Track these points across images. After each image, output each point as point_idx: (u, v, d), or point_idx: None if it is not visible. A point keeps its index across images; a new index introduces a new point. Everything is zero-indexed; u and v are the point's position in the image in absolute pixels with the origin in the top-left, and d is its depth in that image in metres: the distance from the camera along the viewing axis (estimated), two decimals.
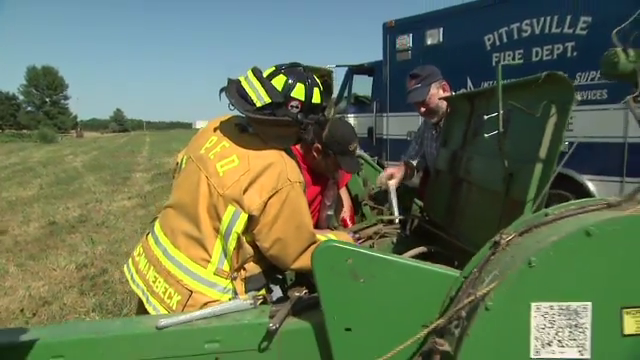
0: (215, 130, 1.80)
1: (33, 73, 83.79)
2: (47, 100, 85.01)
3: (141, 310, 1.78)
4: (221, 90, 1.68)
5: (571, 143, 1.27)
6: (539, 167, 1.31)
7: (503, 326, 1.08)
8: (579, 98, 2.47)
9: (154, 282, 1.72)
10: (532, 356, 1.08)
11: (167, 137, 49.81)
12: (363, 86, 9.32)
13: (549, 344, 1.08)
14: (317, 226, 2.30)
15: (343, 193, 2.53)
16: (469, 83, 6.26)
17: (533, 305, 1.07)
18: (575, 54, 5.14)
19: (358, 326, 1.27)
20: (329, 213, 2.33)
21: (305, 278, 1.92)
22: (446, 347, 1.12)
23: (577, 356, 1.07)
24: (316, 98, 1.71)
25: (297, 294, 1.48)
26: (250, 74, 1.66)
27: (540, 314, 1.07)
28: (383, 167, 2.90)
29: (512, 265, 1.09)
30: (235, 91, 1.66)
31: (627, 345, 1.06)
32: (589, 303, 1.06)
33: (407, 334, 1.18)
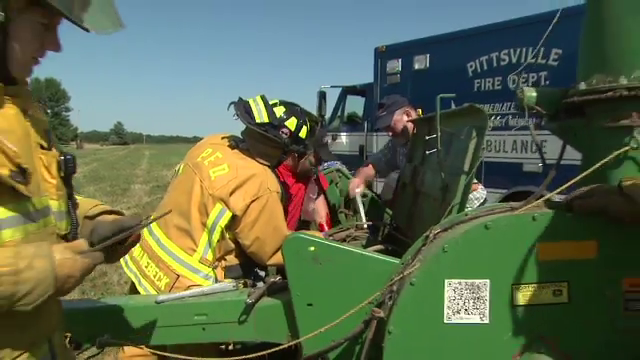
0: (211, 143, 2.17)
1: (36, 85, 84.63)
2: (49, 112, 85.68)
3: (133, 292, 2.11)
4: (230, 103, 2.09)
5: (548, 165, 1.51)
6: (463, 178, 1.66)
7: (423, 298, 1.41)
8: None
9: (146, 267, 2.05)
10: (445, 321, 1.40)
11: (166, 150, 50.11)
12: (356, 106, 9.73)
13: (458, 312, 1.40)
14: (303, 217, 2.68)
15: (321, 201, 2.88)
16: (453, 106, 6.64)
17: (446, 281, 1.40)
18: (548, 82, 5.55)
19: (318, 302, 1.59)
20: (313, 207, 2.68)
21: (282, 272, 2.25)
22: (381, 314, 1.44)
23: (479, 321, 1.39)
24: (303, 133, 2.13)
25: (272, 279, 1.82)
26: (258, 98, 2.07)
27: (451, 288, 1.40)
28: (371, 185, 3.28)
29: (433, 251, 1.43)
30: (242, 107, 2.05)
31: (516, 313, 1.38)
32: (488, 280, 1.39)
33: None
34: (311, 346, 1.58)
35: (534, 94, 1.57)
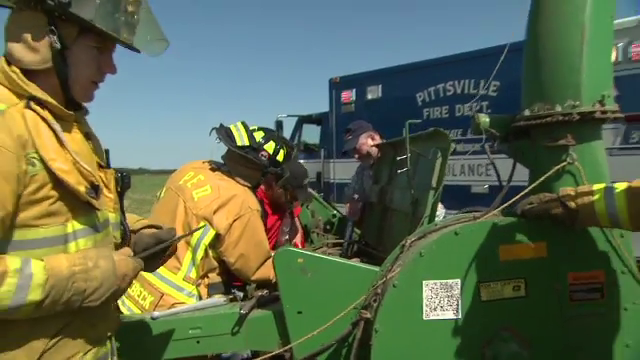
0: (193, 167, 2.29)
1: None
2: None
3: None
4: (212, 129, 2.23)
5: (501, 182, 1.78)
6: (432, 193, 1.89)
7: (405, 298, 1.59)
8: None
9: (130, 287, 2.11)
10: (424, 318, 1.58)
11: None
12: (312, 134, 10.04)
13: (435, 309, 1.59)
14: (277, 248, 2.79)
15: (295, 223, 3.03)
16: (404, 134, 7.08)
17: (424, 282, 1.59)
18: (489, 111, 6.08)
19: (307, 309, 1.73)
20: (286, 237, 2.82)
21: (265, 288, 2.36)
22: (368, 315, 1.61)
23: (452, 316, 1.59)
24: (280, 157, 2.32)
25: (260, 293, 1.94)
26: (239, 124, 2.24)
27: (429, 288, 1.59)
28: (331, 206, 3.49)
29: (410, 256, 1.62)
30: (224, 132, 2.20)
31: (483, 307, 1.59)
32: (458, 280, 1.59)
33: None
34: (302, 351, 1.70)
35: (487, 119, 1.83)
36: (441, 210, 3.02)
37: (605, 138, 1.73)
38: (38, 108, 1.08)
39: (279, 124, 9.70)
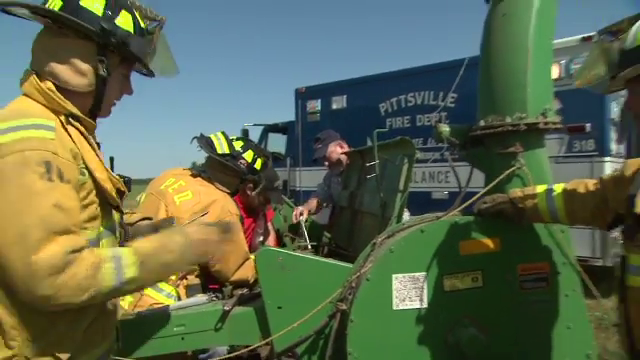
0: (173, 174, 2.38)
1: None
2: None
3: None
4: (193, 138, 2.34)
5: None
6: (399, 196, 2.07)
7: (377, 290, 1.75)
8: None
9: None
10: (394, 308, 1.75)
11: None
12: (277, 143, 10.15)
13: (404, 300, 1.76)
14: (252, 251, 2.90)
15: (269, 227, 3.15)
16: (369, 143, 7.34)
17: (394, 276, 1.76)
18: (448, 121, 6.42)
19: (287, 304, 1.86)
20: (260, 240, 2.94)
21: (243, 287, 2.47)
22: (343, 306, 1.76)
23: (419, 306, 1.76)
24: (258, 165, 2.46)
25: (241, 291, 2.05)
26: (219, 133, 2.36)
27: (398, 281, 1.76)
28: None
29: (381, 253, 1.79)
30: (204, 140, 2.32)
31: (446, 297, 1.78)
32: (424, 273, 1.77)
33: None
34: (282, 343, 1.83)
35: (447, 129, 2.04)
36: (406, 215, 3.23)
37: (551, 147, 1.99)
38: (77, 123, 1.21)
39: (245, 133, 9.76)
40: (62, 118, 1.19)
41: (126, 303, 2.10)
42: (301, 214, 3.32)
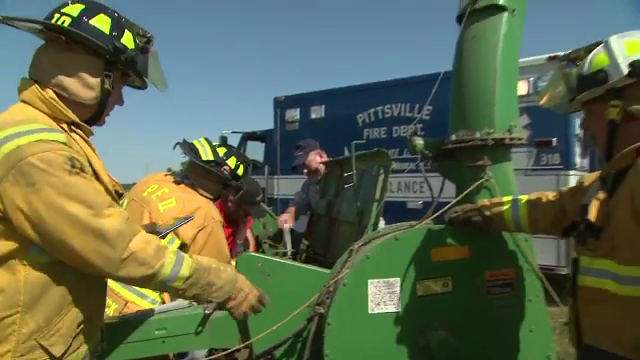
0: (156, 180, 2.41)
1: None
2: None
3: None
4: (176, 144, 2.38)
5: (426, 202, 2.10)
6: (375, 205, 2.17)
7: (353, 294, 1.83)
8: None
9: None
10: (369, 312, 1.84)
11: None
12: (256, 151, 10.18)
13: (379, 304, 1.85)
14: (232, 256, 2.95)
15: (248, 234, 3.20)
16: (346, 152, 7.47)
17: (369, 281, 1.85)
18: (423, 133, 6.62)
19: (266, 308, 1.92)
20: (240, 250, 2.99)
21: None
22: (321, 310, 1.84)
23: (393, 310, 1.86)
24: (240, 171, 2.53)
25: None
26: (203, 140, 2.42)
27: (373, 286, 1.85)
28: None
29: (358, 259, 1.88)
30: (188, 147, 2.37)
31: (419, 301, 1.88)
32: (398, 278, 1.87)
33: None
34: (261, 346, 1.89)
35: (421, 142, 2.15)
36: (382, 223, 3.34)
37: (521, 160, 2.11)
38: (78, 130, 1.29)
39: (224, 140, 9.75)
40: (64, 125, 1.26)
41: (111, 311, 2.12)
42: (286, 222, 3.39)
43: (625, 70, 1.35)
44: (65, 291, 1.23)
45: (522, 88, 5.69)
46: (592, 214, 1.37)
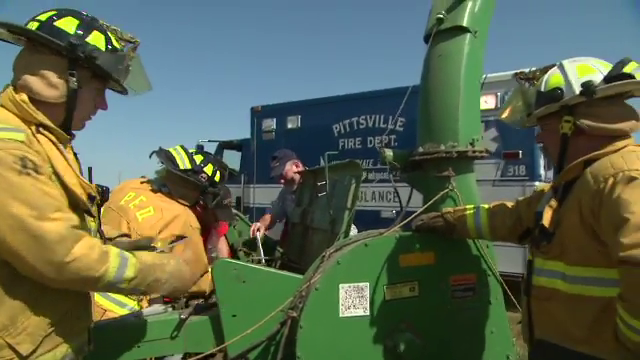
0: (132, 188, 2.45)
1: None
2: None
3: None
4: (152, 152, 2.41)
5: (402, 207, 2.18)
6: (347, 213, 2.27)
7: (325, 299, 1.91)
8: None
9: None
10: (340, 315, 1.92)
11: None
12: (232, 160, 10.18)
13: (349, 307, 1.94)
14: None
15: (223, 241, 3.25)
16: (322, 162, 7.57)
17: (340, 285, 1.93)
18: (396, 144, 6.80)
19: (241, 312, 1.98)
20: (213, 255, 3.03)
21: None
22: (294, 314, 1.91)
23: (362, 313, 1.95)
24: (217, 178, 2.59)
25: (196, 302, 2.15)
26: (179, 147, 2.45)
27: (344, 290, 1.94)
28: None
29: (330, 264, 1.97)
30: (164, 155, 2.41)
31: (387, 305, 1.97)
32: (367, 283, 1.96)
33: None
34: (235, 349, 1.94)
35: (391, 153, 2.27)
36: (354, 230, 3.44)
37: (489, 171, 2.23)
38: (47, 132, 1.30)
39: (200, 148, 9.73)
40: (32, 128, 1.27)
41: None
42: (258, 230, 3.46)
43: (577, 89, 1.49)
44: (29, 289, 1.23)
45: (490, 102, 5.93)
46: (546, 220, 1.50)
